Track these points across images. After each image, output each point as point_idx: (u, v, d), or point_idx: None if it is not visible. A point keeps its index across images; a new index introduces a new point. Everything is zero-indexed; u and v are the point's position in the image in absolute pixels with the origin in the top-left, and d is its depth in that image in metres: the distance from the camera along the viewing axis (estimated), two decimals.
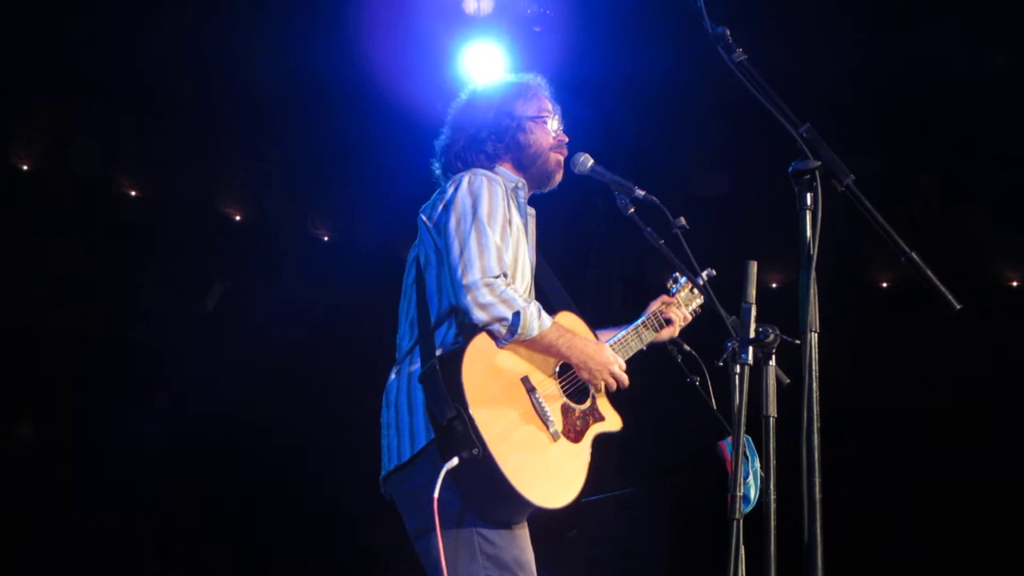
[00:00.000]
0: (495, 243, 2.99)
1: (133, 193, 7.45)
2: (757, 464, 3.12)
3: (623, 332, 3.42)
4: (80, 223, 7.27)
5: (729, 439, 3.18)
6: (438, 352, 2.97)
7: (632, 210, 3.40)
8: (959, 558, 7.38)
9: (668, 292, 3.63)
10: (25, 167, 7.10)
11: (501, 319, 2.93)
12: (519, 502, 2.86)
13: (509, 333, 2.95)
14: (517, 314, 2.94)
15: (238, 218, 7.78)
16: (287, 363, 7.59)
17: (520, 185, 3.31)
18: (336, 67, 6.59)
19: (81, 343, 7.39)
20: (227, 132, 7.33)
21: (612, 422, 3.24)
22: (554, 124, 3.40)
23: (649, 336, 3.48)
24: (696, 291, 3.67)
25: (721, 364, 2.90)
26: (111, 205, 7.38)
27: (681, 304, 3.61)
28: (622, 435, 3.28)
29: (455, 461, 2.79)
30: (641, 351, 3.46)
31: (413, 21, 6.28)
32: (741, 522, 2.42)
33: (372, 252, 7.68)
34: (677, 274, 3.64)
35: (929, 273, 2.28)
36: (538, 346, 3.04)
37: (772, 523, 2.38)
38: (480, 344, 2.94)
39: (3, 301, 7.14)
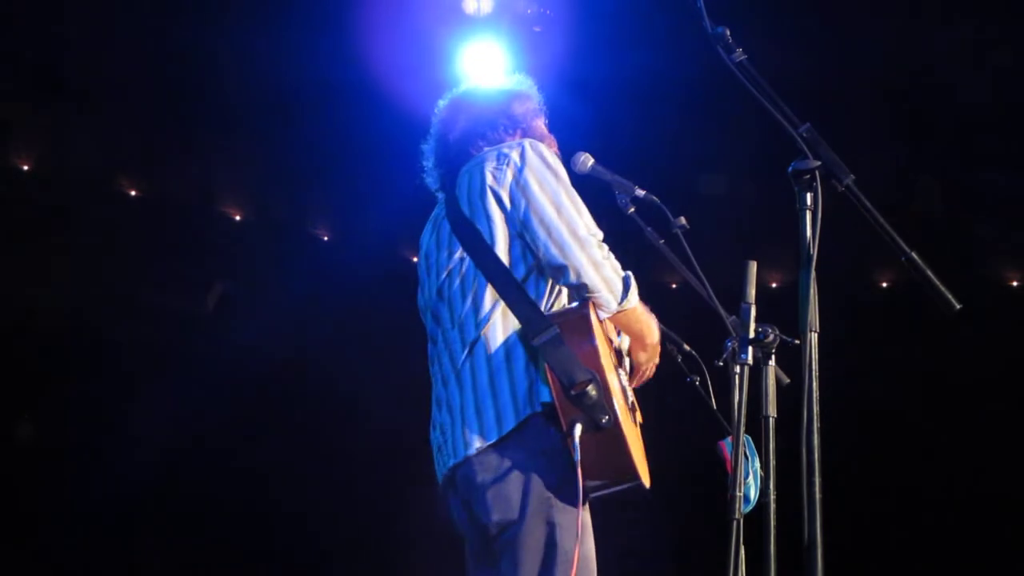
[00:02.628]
0: (583, 204, 2.89)
1: (133, 193, 7.45)
2: (757, 464, 3.12)
3: None
4: (80, 223, 7.27)
5: (729, 439, 3.18)
6: (551, 315, 2.79)
7: (632, 209, 3.40)
8: (960, 558, 7.39)
9: None
10: (25, 167, 7.10)
11: (610, 281, 2.81)
12: (626, 476, 2.75)
13: (616, 300, 2.83)
14: (627, 278, 2.85)
15: (238, 218, 7.78)
16: (287, 363, 7.59)
17: None
18: (336, 67, 6.59)
19: (80, 343, 7.39)
20: (227, 132, 7.33)
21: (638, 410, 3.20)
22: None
23: None
24: None
25: (721, 364, 2.89)
26: (111, 205, 7.38)
27: None
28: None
29: (579, 428, 2.62)
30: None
31: (413, 21, 6.28)
32: (741, 522, 2.41)
33: (372, 252, 7.68)
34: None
35: (929, 273, 2.28)
36: (627, 319, 2.93)
37: (772, 523, 2.38)
38: (594, 311, 2.80)
39: (3, 301, 7.14)
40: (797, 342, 2.28)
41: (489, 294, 2.85)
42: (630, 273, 2.89)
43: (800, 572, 2.19)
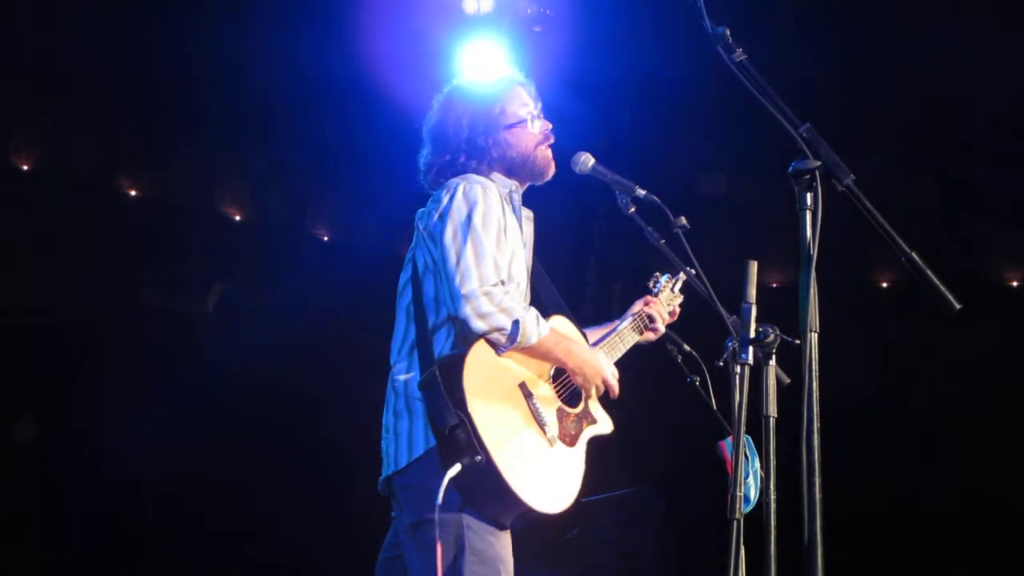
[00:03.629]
0: (491, 251, 2.98)
1: (133, 193, 7.45)
2: (757, 464, 3.12)
3: (608, 336, 3.43)
4: (80, 223, 7.27)
5: (729, 439, 3.18)
6: (436, 359, 2.98)
7: (633, 209, 3.40)
8: (959, 559, 7.39)
9: (650, 292, 3.64)
10: (25, 167, 7.10)
11: (500, 328, 2.93)
12: (519, 507, 2.90)
13: (509, 341, 2.95)
14: (516, 323, 2.94)
15: (238, 218, 7.78)
16: (287, 363, 7.58)
17: (514, 188, 3.28)
18: (336, 67, 6.59)
19: (81, 343, 7.39)
20: (227, 132, 7.33)
21: (604, 425, 3.25)
22: (536, 123, 3.32)
23: (633, 338, 3.49)
24: (677, 290, 3.68)
25: (721, 364, 2.89)
26: (111, 205, 7.38)
27: (663, 303, 3.61)
28: (623, 435, 3.28)
29: (457, 468, 2.81)
30: (626, 353, 3.47)
31: (413, 21, 6.28)
32: (741, 522, 2.41)
33: (372, 252, 7.68)
34: (657, 273, 3.67)
35: (929, 273, 2.28)
36: (536, 352, 3.04)
37: (772, 523, 2.37)
38: (479, 351, 2.95)
39: (3, 301, 7.14)
40: (797, 342, 2.28)
41: (415, 325, 3.08)
42: (524, 315, 2.97)
43: (800, 572, 2.19)
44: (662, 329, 3.56)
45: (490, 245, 2.99)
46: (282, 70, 6.78)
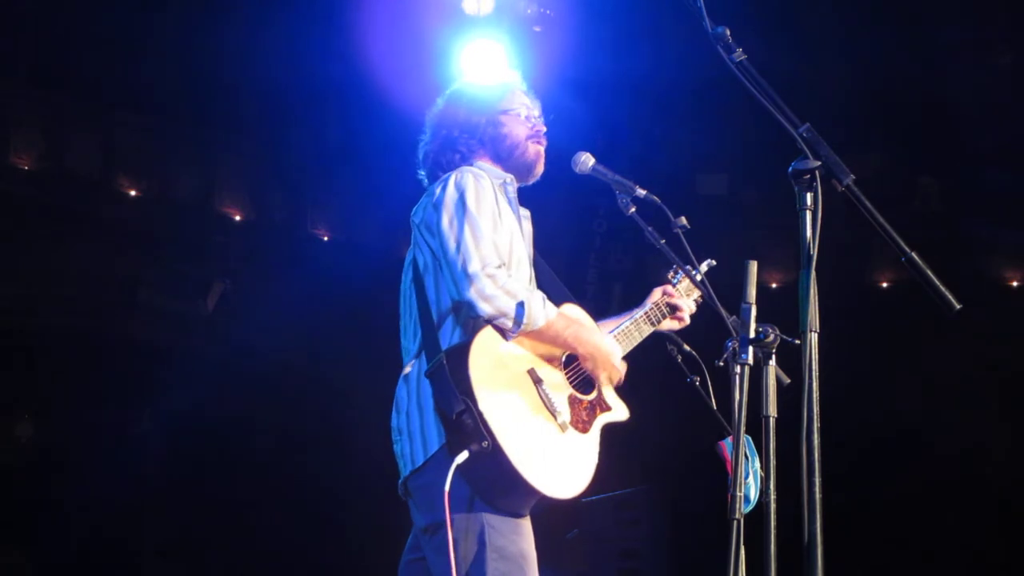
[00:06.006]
0: (489, 233, 2.99)
1: (133, 193, 7.45)
2: (757, 464, 3.12)
3: (626, 323, 3.42)
4: (80, 223, 7.27)
5: (729, 439, 3.18)
6: (444, 350, 2.96)
7: (633, 210, 3.39)
8: (958, 559, 7.39)
9: (670, 283, 3.64)
10: (25, 167, 7.10)
11: (505, 310, 2.92)
12: (529, 492, 2.87)
13: (515, 325, 2.94)
14: (521, 304, 2.93)
15: (238, 218, 7.78)
16: (286, 363, 7.59)
17: (508, 180, 3.29)
18: (336, 67, 6.60)
19: (81, 343, 7.39)
20: (227, 132, 7.33)
21: (619, 412, 3.23)
22: (531, 116, 3.36)
23: (648, 328, 3.48)
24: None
25: (721, 364, 2.89)
26: (111, 205, 7.38)
27: (683, 295, 3.61)
28: (623, 435, 3.27)
29: (465, 455, 2.78)
30: (643, 342, 3.46)
31: (413, 21, 6.28)
32: (741, 522, 2.41)
33: (372, 252, 7.68)
34: (676, 267, 3.66)
35: (929, 273, 2.28)
36: (544, 337, 3.03)
37: (772, 523, 2.37)
38: (486, 337, 2.94)
39: (3, 301, 7.14)
40: (797, 342, 2.28)
41: (420, 322, 3.06)
42: (530, 297, 2.96)
43: (800, 572, 2.19)
44: (687, 319, 3.57)
45: (487, 227, 3.00)
46: (282, 70, 6.78)
